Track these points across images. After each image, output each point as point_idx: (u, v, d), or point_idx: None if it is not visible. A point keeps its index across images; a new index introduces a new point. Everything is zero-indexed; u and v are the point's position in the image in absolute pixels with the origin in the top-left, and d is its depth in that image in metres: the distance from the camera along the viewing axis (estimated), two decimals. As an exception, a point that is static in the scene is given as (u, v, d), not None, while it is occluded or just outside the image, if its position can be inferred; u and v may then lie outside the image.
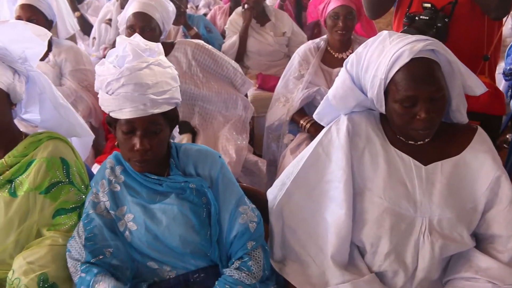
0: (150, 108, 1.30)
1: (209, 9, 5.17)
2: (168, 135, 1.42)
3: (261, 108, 2.85)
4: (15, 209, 1.48)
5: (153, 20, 2.39)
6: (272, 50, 3.56)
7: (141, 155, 1.34)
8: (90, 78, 2.67)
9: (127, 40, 1.36)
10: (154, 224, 1.38)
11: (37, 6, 2.63)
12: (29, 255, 1.41)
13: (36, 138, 1.57)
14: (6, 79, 1.48)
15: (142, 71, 1.30)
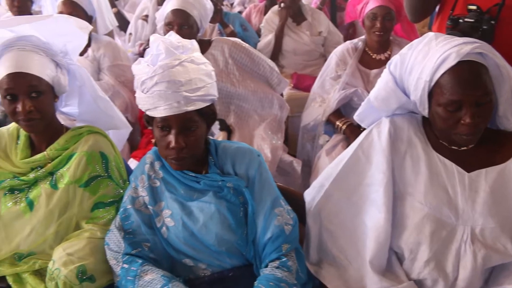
0: (184, 105, 1.30)
1: (243, 7, 5.17)
2: (204, 132, 1.40)
3: (296, 107, 2.83)
4: (55, 201, 1.51)
5: (191, 18, 2.40)
6: (307, 49, 3.53)
7: (176, 153, 1.33)
8: (127, 73, 2.70)
9: (160, 38, 1.36)
10: (191, 221, 1.38)
11: (78, 2, 2.68)
12: (68, 247, 1.43)
13: (77, 132, 1.60)
14: (50, 72, 1.51)
15: (174, 68, 1.29)
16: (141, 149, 2.36)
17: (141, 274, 1.34)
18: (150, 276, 1.33)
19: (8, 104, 1.48)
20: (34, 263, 1.50)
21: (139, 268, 1.35)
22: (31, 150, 1.60)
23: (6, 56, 1.46)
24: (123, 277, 1.37)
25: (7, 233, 1.54)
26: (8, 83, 1.45)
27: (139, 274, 1.34)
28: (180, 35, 2.32)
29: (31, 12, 3.62)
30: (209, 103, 1.37)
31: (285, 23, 3.52)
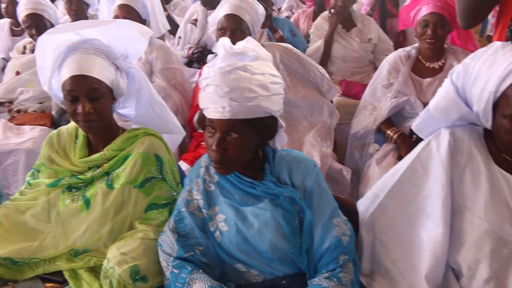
0: (229, 112, 1.27)
1: (291, 12, 5.17)
2: (251, 143, 1.35)
3: (344, 115, 2.79)
4: (111, 201, 1.55)
5: (244, 23, 2.42)
6: (357, 56, 3.49)
7: (215, 157, 1.32)
8: (178, 76, 2.75)
9: (223, 42, 1.36)
10: (245, 226, 1.37)
11: (133, 6, 2.75)
12: (122, 246, 1.46)
13: (133, 134, 1.63)
14: (110, 75, 1.54)
15: (226, 74, 1.28)
16: (190, 152, 2.39)
17: (189, 282, 1.34)
18: (199, 286, 1.33)
19: (69, 105, 1.53)
20: (89, 260, 1.54)
21: (188, 276, 1.35)
22: (89, 150, 1.65)
23: (71, 59, 1.51)
24: (172, 282, 1.38)
25: (64, 229, 1.59)
26: (70, 85, 1.50)
27: (188, 282, 1.34)
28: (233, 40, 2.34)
29: (87, 15, 3.75)
30: (262, 115, 1.31)
31: (335, 29, 3.49)
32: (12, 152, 2.64)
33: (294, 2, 5.40)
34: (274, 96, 1.32)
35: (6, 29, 4.22)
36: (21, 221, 1.62)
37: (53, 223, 1.60)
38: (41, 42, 1.58)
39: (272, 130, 1.38)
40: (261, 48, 1.37)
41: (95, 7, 3.92)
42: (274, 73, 1.34)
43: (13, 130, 2.86)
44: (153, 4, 2.83)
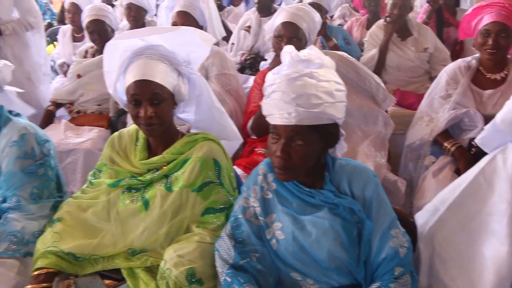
0: (294, 118, 1.28)
1: (344, 20, 5.14)
2: (315, 150, 1.36)
3: (398, 125, 2.73)
4: (169, 203, 1.58)
5: (301, 30, 2.42)
6: (412, 65, 3.41)
7: (279, 163, 1.34)
8: (233, 82, 2.78)
9: (288, 50, 1.38)
10: (303, 235, 1.37)
11: (191, 13, 2.81)
12: (179, 249, 1.49)
13: (192, 138, 1.66)
14: (173, 80, 1.58)
15: (292, 80, 1.30)
16: (243, 158, 2.41)
17: None
18: None
19: (132, 108, 1.58)
20: (146, 260, 1.58)
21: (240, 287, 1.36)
22: (148, 152, 1.69)
23: (135, 64, 1.56)
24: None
25: (123, 228, 1.63)
26: (134, 89, 1.55)
27: None
28: (289, 47, 2.38)
29: (144, 22, 3.86)
30: (327, 122, 1.33)
31: (390, 38, 3.43)
32: (72, 151, 2.75)
33: (347, 10, 5.36)
34: (339, 103, 1.34)
35: (68, 35, 4.42)
36: (83, 218, 1.68)
37: (113, 222, 1.65)
38: (109, 47, 1.64)
39: (335, 137, 1.39)
40: (325, 56, 1.38)
41: (152, 13, 4.03)
42: (338, 80, 1.36)
43: (73, 130, 2.98)
44: (210, 11, 2.88)
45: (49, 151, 1.83)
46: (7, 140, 1.75)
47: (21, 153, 1.74)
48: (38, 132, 1.82)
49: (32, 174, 1.75)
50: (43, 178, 1.78)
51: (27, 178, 1.74)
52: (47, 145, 1.82)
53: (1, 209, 1.71)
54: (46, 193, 1.79)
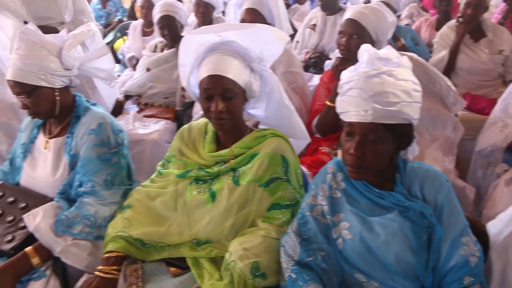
0: (371, 116, 1.28)
1: (411, 20, 5.01)
2: (389, 149, 1.34)
3: (468, 130, 2.63)
4: (236, 196, 1.61)
5: (364, 29, 2.37)
6: (484, 68, 3.27)
7: (352, 161, 1.33)
8: (299, 80, 2.78)
9: (367, 48, 1.37)
10: (371, 236, 1.35)
11: (260, 10, 2.84)
12: (244, 242, 1.51)
13: (261, 134, 1.68)
14: (245, 76, 1.61)
15: (370, 78, 1.29)
16: (307, 156, 2.41)
17: None
18: None
19: (204, 102, 1.62)
20: (210, 251, 1.61)
21: (304, 285, 1.35)
22: (217, 145, 1.73)
23: (210, 58, 1.60)
24: (288, 285, 1.40)
25: (189, 218, 1.68)
26: (207, 83, 1.59)
27: None
28: (349, 44, 2.36)
29: (212, 18, 3.93)
30: (403, 122, 1.31)
31: (462, 39, 3.31)
32: (139, 142, 2.85)
33: (415, 9, 5.22)
34: (415, 104, 1.32)
35: (138, 30, 4.58)
36: (151, 206, 1.74)
37: (179, 212, 1.70)
38: (185, 42, 1.70)
39: (409, 139, 1.37)
40: (404, 56, 1.36)
41: (220, 10, 4.10)
42: (415, 80, 1.34)
43: (140, 121, 3.09)
44: (279, 9, 2.89)
45: (123, 141, 1.91)
46: (86, 128, 1.85)
47: (98, 141, 1.83)
48: (113, 122, 1.91)
49: (106, 161, 1.83)
50: (116, 166, 1.86)
51: (102, 165, 1.82)
52: (121, 134, 1.90)
53: (78, 193, 1.81)
54: (118, 180, 1.86)
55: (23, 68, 1.77)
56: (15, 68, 1.78)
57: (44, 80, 1.79)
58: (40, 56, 1.78)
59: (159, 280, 1.60)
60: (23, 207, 1.84)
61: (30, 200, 1.86)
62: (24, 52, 1.78)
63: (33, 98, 1.81)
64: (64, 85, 1.87)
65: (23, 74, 1.77)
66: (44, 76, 1.79)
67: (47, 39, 1.83)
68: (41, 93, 1.81)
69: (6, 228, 1.80)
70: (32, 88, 1.79)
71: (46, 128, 1.99)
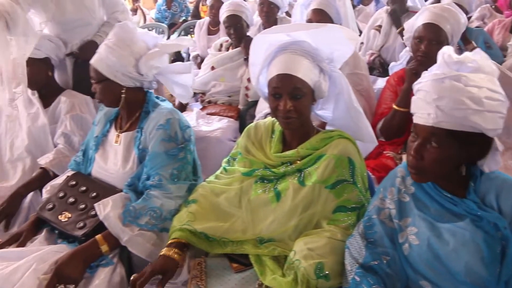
0: (432, 119, 1.23)
1: (483, 22, 4.81)
2: (452, 157, 1.28)
3: (544, 139, 2.50)
4: (301, 197, 1.60)
5: (443, 33, 2.29)
6: None
7: (411, 162, 1.31)
8: (364, 82, 2.73)
9: (444, 50, 1.32)
10: (439, 243, 1.31)
11: (327, 11, 2.82)
12: (309, 242, 1.51)
13: (327, 135, 1.67)
14: (314, 76, 1.60)
15: (437, 81, 1.25)
16: (371, 159, 2.36)
17: None
18: None
19: (272, 101, 1.63)
20: (273, 249, 1.62)
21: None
22: (283, 145, 1.74)
23: (280, 58, 1.61)
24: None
25: (253, 217, 1.69)
26: (276, 82, 1.60)
27: None
28: (428, 50, 2.28)
29: (276, 18, 3.94)
30: (469, 130, 1.22)
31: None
32: (203, 139, 2.90)
33: (487, 10, 5.01)
34: (488, 113, 1.22)
35: (204, 29, 4.67)
36: (216, 202, 1.77)
37: (244, 209, 1.72)
38: (256, 41, 1.71)
39: (481, 149, 1.29)
40: (487, 61, 1.29)
41: (284, 10, 4.11)
42: (494, 88, 1.24)
43: (204, 118, 3.15)
44: (346, 10, 2.86)
45: (190, 137, 1.95)
46: (155, 124, 1.90)
47: (165, 136, 1.88)
48: (181, 118, 1.96)
49: (173, 156, 1.88)
50: (183, 161, 1.90)
51: (169, 159, 1.87)
52: (188, 130, 1.95)
53: (145, 185, 1.87)
54: (184, 175, 1.91)
55: (103, 59, 1.88)
56: (99, 55, 1.91)
57: (115, 76, 1.89)
58: (121, 54, 1.88)
59: (221, 275, 1.63)
60: (94, 196, 1.93)
61: (101, 190, 1.95)
62: (111, 45, 1.89)
63: (102, 87, 1.92)
64: (133, 86, 1.95)
65: (102, 64, 1.88)
66: (117, 73, 1.88)
67: (139, 40, 1.93)
68: (109, 85, 1.91)
69: (78, 215, 1.89)
70: (104, 78, 1.89)
71: (118, 122, 2.07)
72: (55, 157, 2.38)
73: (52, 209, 1.95)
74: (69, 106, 2.53)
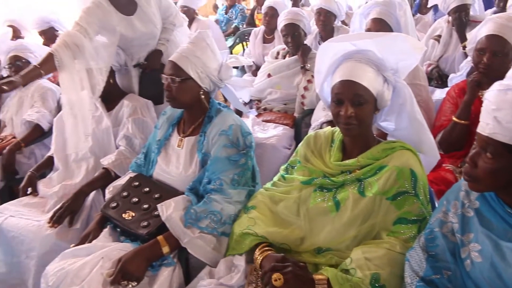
0: (488, 130, 1.22)
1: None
2: (506, 171, 1.24)
3: None
4: (361, 207, 1.60)
5: (508, 45, 2.23)
6: None
7: (465, 168, 1.30)
8: (423, 93, 2.69)
9: None
10: (502, 265, 1.27)
11: (387, 21, 2.79)
12: (367, 251, 1.51)
13: (389, 146, 1.66)
14: (377, 85, 1.61)
15: (499, 92, 1.23)
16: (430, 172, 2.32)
17: None
18: None
19: (334, 107, 1.64)
20: (331, 258, 1.63)
21: None
22: (343, 154, 1.74)
23: (344, 65, 1.62)
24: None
25: (311, 226, 1.71)
26: (338, 88, 1.61)
27: None
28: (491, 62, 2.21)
29: (333, 27, 3.95)
30: None
31: None
32: (258, 145, 2.92)
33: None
34: None
35: (259, 37, 4.74)
36: (274, 210, 1.80)
37: (302, 218, 1.73)
38: (322, 49, 1.74)
39: None
40: None
41: (342, 18, 4.11)
42: None
43: (259, 125, 3.19)
44: (407, 20, 2.82)
45: (251, 143, 2.00)
46: (218, 129, 1.96)
47: (228, 142, 1.93)
48: (243, 125, 2.00)
49: (235, 162, 1.93)
50: (244, 167, 1.95)
51: (231, 165, 1.92)
52: (249, 137, 1.99)
53: (206, 189, 1.92)
54: (244, 180, 1.95)
55: (188, 57, 1.97)
56: (181, 54, 1.99)
57: (198, 75, 1.98)
58: (208, 56, 1.99)
59: (278, 282, 1.64)
60: (157, 198, 2.00)
61: (163, 192, 2.03)
62: (195, 47, 1.99)
63: (180, 85, 1.97)
64: (209, 89, 2.03)
65: (186, 61, 1.97)
66: (200, 73, 1.98)
67: (216, 48, 2.05)
68: (188, 84, 1.98)
69: (142, 214, 1.97)
70: (186, 76, 1.97)
71: (180, 127, 2.14)
72: (117, 158, 2.49)
73: (116, 207, 2.04)
74: (132, 110, 2.63)
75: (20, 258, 2.30)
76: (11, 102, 3.42)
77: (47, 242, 2.22)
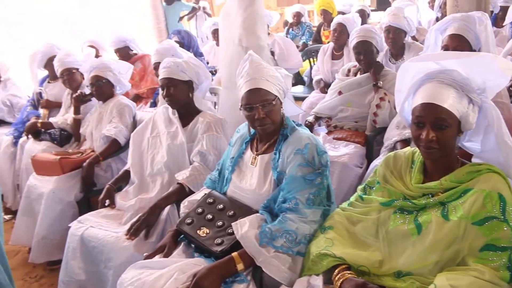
0: None
1: None
2: None
3: None
4: (445, 232, 1.54)
5: None
6: None
7: None
8: (505, 112, 2.49)
9: None
10: None
11: (465, 36, 2.67)
12: (453, 278, 1.44)
13: (475, 168, 1.59)
14: (462, 107, 1.55)
15: None
16: None
17: None
18: None
19: (415, 129, 1.61)
20: (412, 283, 1.57)
21: None
22: (424, 176, 1.68)
23: (426, 86, 1.58)
24: None
25: (390, 249, 1.66)
26: (419, 111, 1.57)
27: None
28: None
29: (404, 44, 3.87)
30: None
31: None
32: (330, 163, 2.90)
33: None
34: None
35: (328, 53, 4.72)
36: (352, 231, 1.77)
37: (381, 241, 1.69)
38: (404, 68, 1.70)
39: None
40: None
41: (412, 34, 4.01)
42: None
43: (330, 143, 3.16)
44: (487, 35, 2.68)
45: (326, 162, 1.98)
46: (293, 148, 1.96)
47: (303, 161, 1.92)
48: (318, 143, 1.99)
49: (310, 181, 1.91)
50: (319, 186, 1.93)
51: (306, 184, 1.90)
52: (325, 156, 1.97)
53: (281, 208, 1.92)
54: (319, 200, 1.93)
55: (268, 79, 2.00)
56: (257, 77, 1.99)
57: (278, 90, 2.02)
58: (272, 72, 2.03)
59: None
60: (231, 215, 2.03)
61: (237, 209, 2.05)
62: (259, 68, 2.02)
63: (270, 108, 1.99)
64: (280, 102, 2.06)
65: (266, 82, 1.99)
66: (278, 87, 2.03)
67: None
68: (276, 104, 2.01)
69: (216, 231, 2.00)
70: (273, 97, 2.00)
71: (254, 144, 2.16)
72: (191, 174, 2.55)
73: (191, 224, 2.08)
74: (206, 127, 2.69)
75: (99, 267, 2.41)
76: (92, 117, 3.60)
77: (125, 253, 2.31)
